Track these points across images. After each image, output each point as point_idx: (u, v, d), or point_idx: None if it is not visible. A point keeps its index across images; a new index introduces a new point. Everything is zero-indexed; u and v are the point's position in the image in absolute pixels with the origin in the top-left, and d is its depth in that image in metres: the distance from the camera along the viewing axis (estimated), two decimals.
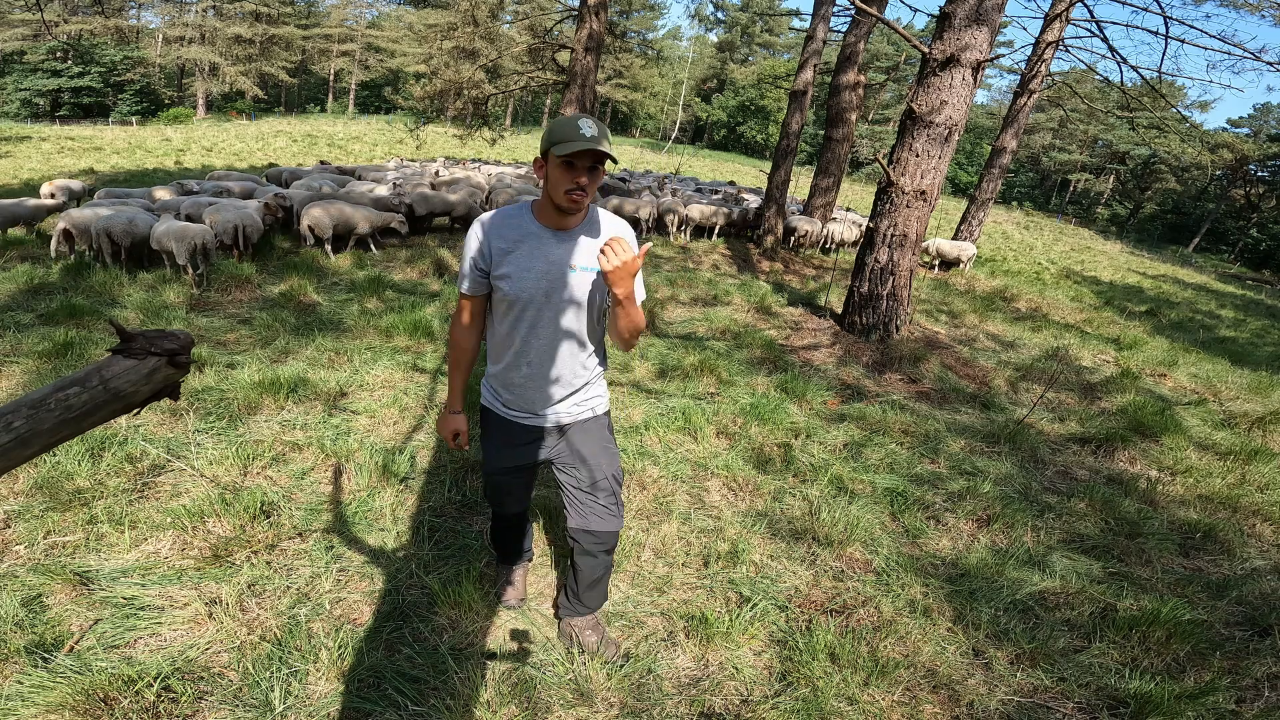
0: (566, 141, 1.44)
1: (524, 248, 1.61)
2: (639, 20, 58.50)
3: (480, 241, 1.63)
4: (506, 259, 1.61)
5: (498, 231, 1.62)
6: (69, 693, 1.67)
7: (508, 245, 1.61)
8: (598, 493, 1.85)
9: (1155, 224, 50.50)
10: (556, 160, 1.48)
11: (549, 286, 1.62)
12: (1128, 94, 11.49)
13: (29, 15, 36.62)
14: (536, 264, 1.61)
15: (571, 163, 1.48)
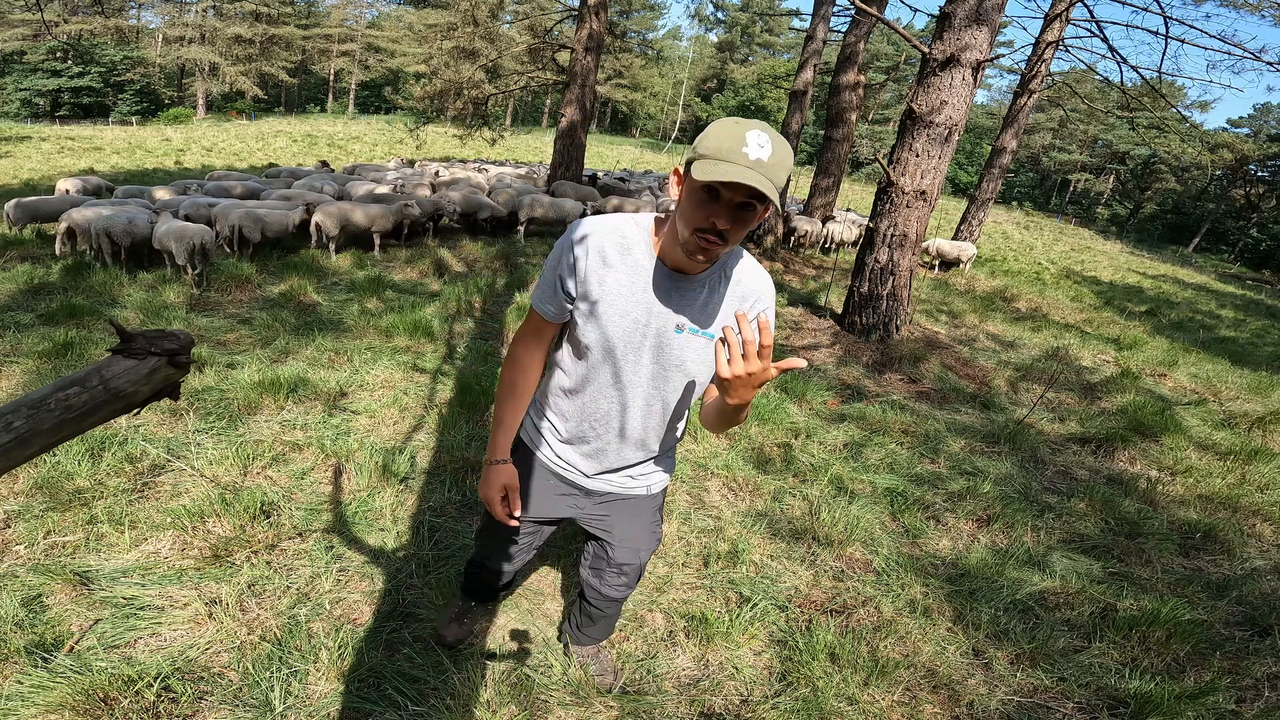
0: (717, 159, 0.99)
1: (621, 279, 1.21)
2: (639, 20, 58.50)
3: (574, 254, 1.22)
4: (597, 285, 1.22)
5: (599, 247, 1.21)
6: (69, 693, 1.67)
7: (601, 269, 1.21)
8: (626, 572, 1.65)
9: (1155, 224, 50.52)
10: (696, 182, 1.03)
11: (641, 342, 1.24)
12: (1128, 94, 11.49)
13: (29, 15, 36.63)
14: (634, 309, 1.21)
15: (715, 191, 1.03)
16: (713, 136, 1.01)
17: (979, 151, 50.34)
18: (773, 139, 0.99)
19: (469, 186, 10.34)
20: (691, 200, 1.06)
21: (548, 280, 1.27)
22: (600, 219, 1.23)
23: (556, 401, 1.40)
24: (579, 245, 1.22)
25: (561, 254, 1.23)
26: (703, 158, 1.01)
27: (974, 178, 46.44)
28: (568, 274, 1.23)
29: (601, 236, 1.21)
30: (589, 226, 1.23)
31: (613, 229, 1.22)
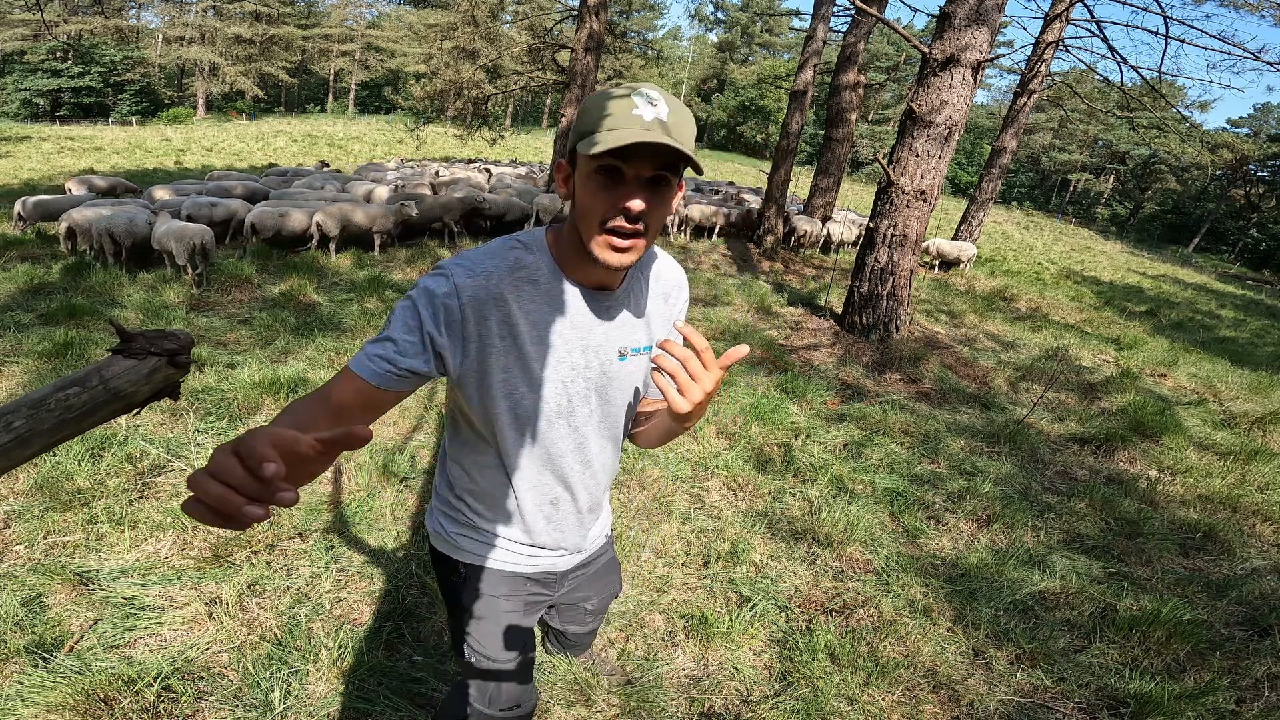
0: (607, 129, 0.79)
1: (540, 322, 0.94)
2: (639, 20, 58.50)
3: (459, 313, 0.89)
4: (506, 348, 0.93)
5: (494, 294, 0.90)
6: (69, 693, 1.67)
7: (505, 326, 0.92)
8: (596, 616, 1.49)
9: (1155, 224, 50.51)
10: (588, 164, 0.82)
11: (586, 389, 1.00)
12: (1128, 94, 11.49)
13: (29, 15, 36.62)
14: (568, 354, 0.96)
15: (616, 171, 0.81)
16: (593, 110, 0.81)
17: (979, 151, 50.34)
18: (664, 95, 0.82)
19: (469, 186, 10.34)
20: (588, 191, 0.84)
21: (395, 335, 0.87)
22: (478, 254, 0.93)
23: (488, 501, 1.08)
24: (461, 299, 0.88)
25: (434, 310, 0.88)
26: (588, 135, 0.81)
27: (974, 178, 46.45)
28: (447, 339, 0.89)
29: (492, 279, 0.90)
30: (469, 267, 0.90)
31: (503, 262, 0.92)
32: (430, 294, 0.88)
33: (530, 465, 1.04)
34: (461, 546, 1.13)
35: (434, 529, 1.17)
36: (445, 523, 1.14)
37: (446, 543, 1.14)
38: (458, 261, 0.92)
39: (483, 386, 0.96)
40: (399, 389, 0.89)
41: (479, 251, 0.94)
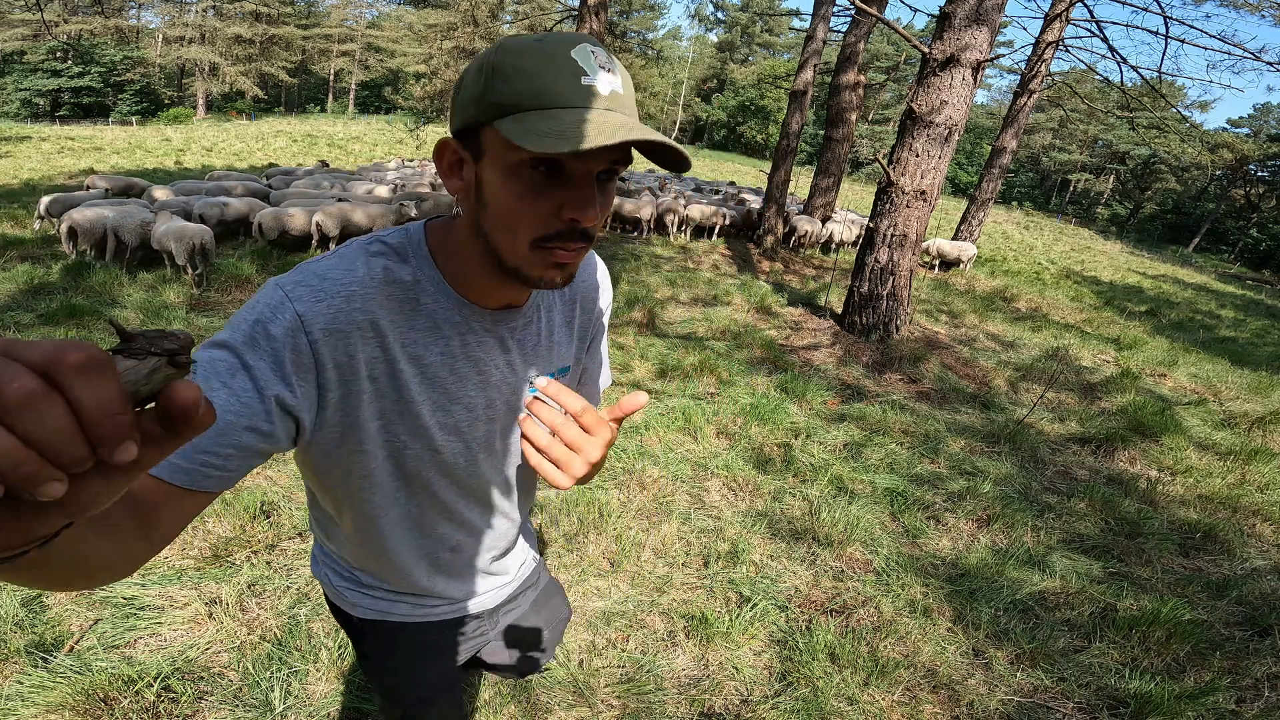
0: (549, 106, 0.57)
1: (424, 357, 0.71)
2: (639, 20, 58.51)
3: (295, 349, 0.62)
4: (374, 397, 0.70)
5: (355, 323, 0.66)
6: (69, 693, 1.67)
7: (382, 364, 0.69)
8: (551, 647, 1.19)
9: (1155, 224, 50.52)
10: (512, 154, 0.59)
11: (490, 432, 0.80)
12: (1128, 94, 11.49)
13: (29, 15, 36.63)
14: (465, 395, 0.75)
15: (557, 165, 0.60)
16: (524, 72, 0.56)
17: (979, 151, 50.35)
18: (607, 50, 0.61)
19: None
20: (513, 192, 0.60)
21: (229, 408, 0.58)
22: (327, 265, 0.66)
23: (373, 563, 0.88)
24: (311, 334, 0.62)
25: (276, 359, 0.61)
26: (517, 111, 0.57)
27: (974, 178, 46.47)
28: (300, 395, 0.63)
29: (354, 300, 0.65)
30: (315, 286, 0.64)
31: (368, 275, 0.67)
32: (265, 335, 0.60)
33: (423, 520, 0.83)
34: (357, 603, 0.92)
35: (322, 578, 0.94)
36: (331, 575, 0.93)
37: (340, 598, 0.93)
38: (298, 278, 0.64)
39: (347, 443, 0.71)
40: (223, 486, 0.60)
41: (328, 262, 0.66)
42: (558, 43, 0.58)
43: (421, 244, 0.71)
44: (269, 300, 0.63)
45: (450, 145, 0.65)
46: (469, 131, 0.62)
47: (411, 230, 0.72)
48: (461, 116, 0.62)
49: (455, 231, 0.71)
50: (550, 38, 0.58)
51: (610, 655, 2.10)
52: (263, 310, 0.62)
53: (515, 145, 0.57)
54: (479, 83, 0.59)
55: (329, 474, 0.75)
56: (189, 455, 0.57)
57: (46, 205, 6.56)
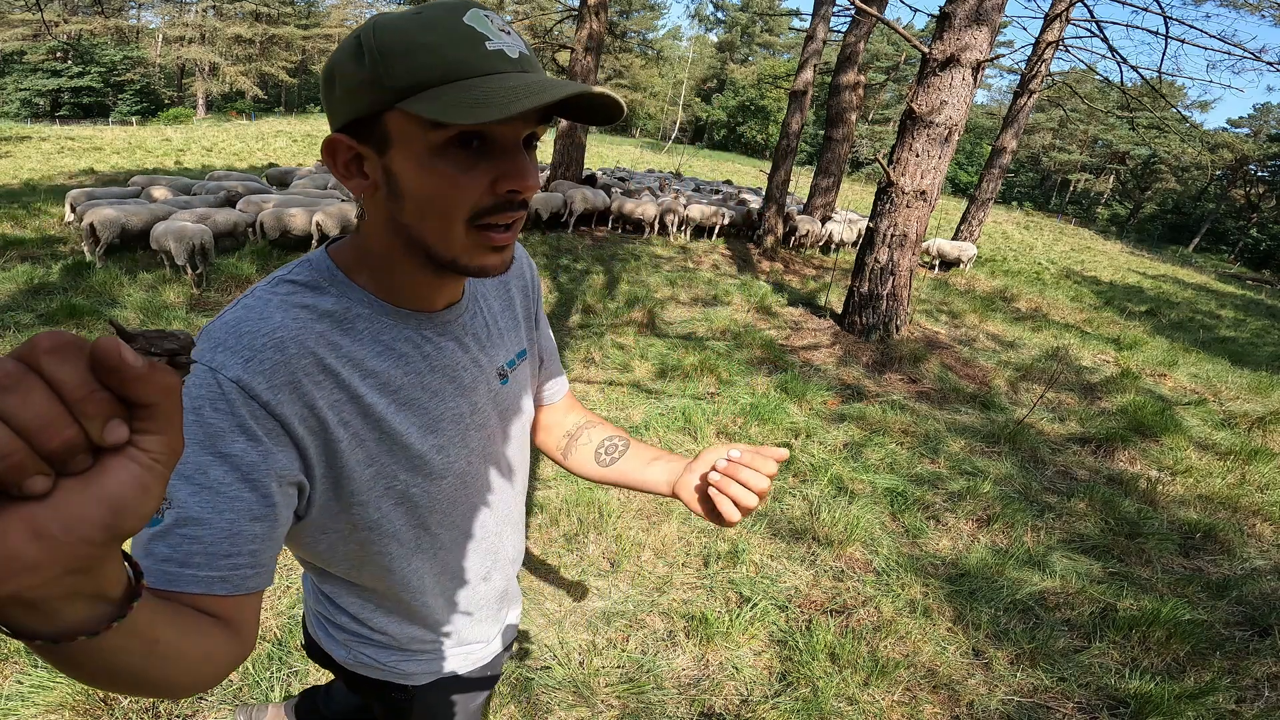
0: (460, 77, 0.53)
1: (388, 385, 0.66)
2: (639, 20, 58.54)
3: (276, 411, 0.57)
4: (352, 441, 0.63)
5: (300, 369, 0.59)
6: (69, 693, 1.67)
7: (346, 402, 0.63)
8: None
9: (1155, 224, 50.53)
10: (429, 135, 0.55)
11: (484, 438, 0.77)
12: (1128, 94, 11.50)
13: (29, 15, 36.63)
14: (447, 407, 0.71)
15: (479, 136, 0.56)
16: (422, 47, 0.52)
17: (979, 151, 50.36)
18: (497, 14, 0.57)
19: None
20: (437, 176, 0.56)
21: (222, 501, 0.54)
22: (235, 319, 0.59)
23: (403, 616, 0.81)
24: (256, 394, 0.56)
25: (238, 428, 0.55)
26: (422, 88, 0.53)
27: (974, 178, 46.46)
28: (279, 454, 0.58)
29: (286, 346, 0.58)
30: (233, 345, 0.57)
31: (287, 315, 0.60)
32: (215, 418, 0.54)
33: (452, 559, 0.78)
34: (413, 671, 0.85)
35: (363, 660, 0.84)
36: (376, 654, 0.84)
37: (384, 670, 0.85)
38: (211, 344, 0.57)
39: (343, 498, 0.65)
40: (269, 578, 0.59)
41: (234, 315, 0.59)
42: (444, 11, 0.54)
43: (328, 267, 0.65)
44: (195, 381, 0.55)
45: (343, 142, 0.58)
46: (363, 123, 0.56)
47: (314, 259, 0.66)
48: (349, 108, 0.56)
49: (364, 242, 0.64)
50: (431, 8, 0.54)
51: (610, 655, 2.10)
52: (196, 393, 0.54)
53: (435, 124, 0.52)
54: (364, 68, 0.53)
55: (336, 538, 0.69)
56: (215, 565, 0.53)
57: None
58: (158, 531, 0.53)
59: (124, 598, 0.37)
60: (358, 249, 0.66)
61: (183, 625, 0.47)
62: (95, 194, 7.00)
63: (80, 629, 0.35)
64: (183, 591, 0.52)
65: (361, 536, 0.69)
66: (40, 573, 0.29)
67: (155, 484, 0.31)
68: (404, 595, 0.77)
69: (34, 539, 0.28)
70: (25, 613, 0.32)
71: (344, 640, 0.84)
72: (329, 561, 0.73)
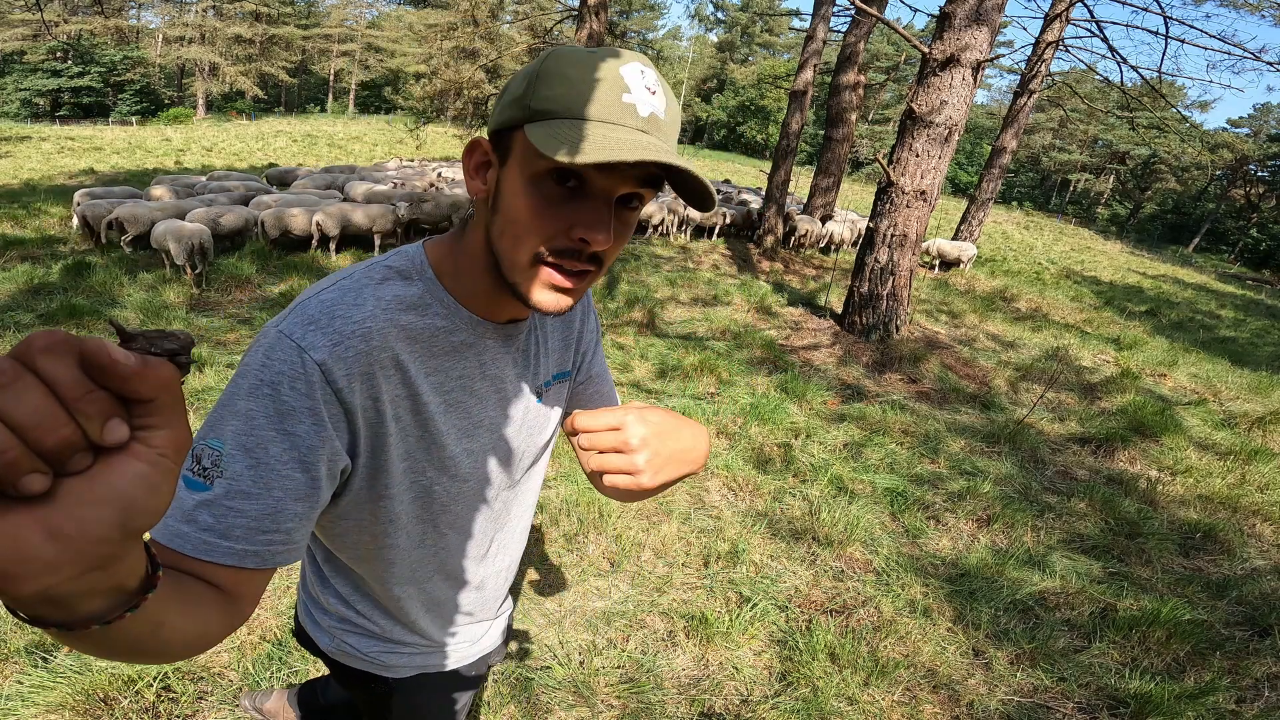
0: (584, 119, 0.55)
1: (443, 389, 0.68)
2: (639, 20, 58.54)
3: (324, 400, 0.58)
4: (399, 436, 0.66)
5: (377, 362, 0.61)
6: (69, 693, 1.67)
7: (406, 400, 0.65)
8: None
9: (1155, 224, 50.52)
10: (535, 161, 0.56)
11: (510, 450, 0.77)
12: (1128, 94, 11.50)
13: (29, 15, 36.64)
14: (486, 415, 0.73)
15: (580, 180, 0.57)
16: (564, 79, 0.55)
17: (979, 151, 50.35)
18: (659, 76, 0.58)
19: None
20: (529, 201, 0.57)
21: (275, 477, 0.56)
22: (335, 298, 0.61)
23: (396, 613, 0.82)
24: (335, 380, 0.58)
25: (308, 411, 0.57)
26: (549, 116, 0.55)
27: (974, 178, 46.45)
28: (337, 444, 0.60)
29: (373, 337, 0.61)
30: (328, 326, 0.59)
31: (380, 305, 0.62)
32: (290, 396, 0.56)
33: (447, 558, 0.79)
34: (394, 664, 0.86)
35: (343, 649, 0.85)
36: (359, 642, 0.84)
37: (365, 660, 0.85)
38: (305, 321, 0.59)
39: (375, 488, 0.67)
40: (297, 556, 0.61)
41: (330, 295, 0.61)
42: (610, 55, 0.56)
43: (425, 264, 0.68)
44: (281, 355, 0.57)
45: (481, 145, 0.62)
46: (502, 133, 0.60)
47: (410, 251, 0.69)
48: (499, 117, 0.60)
49: (462, 245, 0.67)
50: (605, 50, 0.57)
51: (610, 655, 2.10)
52: (279, 368, 0.56)
53: (539, 152, 0.54)
54: (522, 85, 0.57)
55: (354, 524, 0.71)
56: (252, 539, 0.55)
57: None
58: (205, 499, 0.54)
59: (140, 589, 0.39)
60: (452, 249, 0.68)
61: (185, 604, 0.49)
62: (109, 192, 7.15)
63: (95, 619, 0.36)
64: (212, 562, 0.54)
65: (378, 529, 0.71)
66: (60, 571, 0.29)
67: (164, 480, 0.31)
68: (396, 590, 0.78)
69: (50, 539, 0.28)
70: (46, 606, 0.33)
71: (329, 626, 0.85)
72: (336, 545, 0.75)
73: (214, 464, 0.55)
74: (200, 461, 0.55)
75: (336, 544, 0.75)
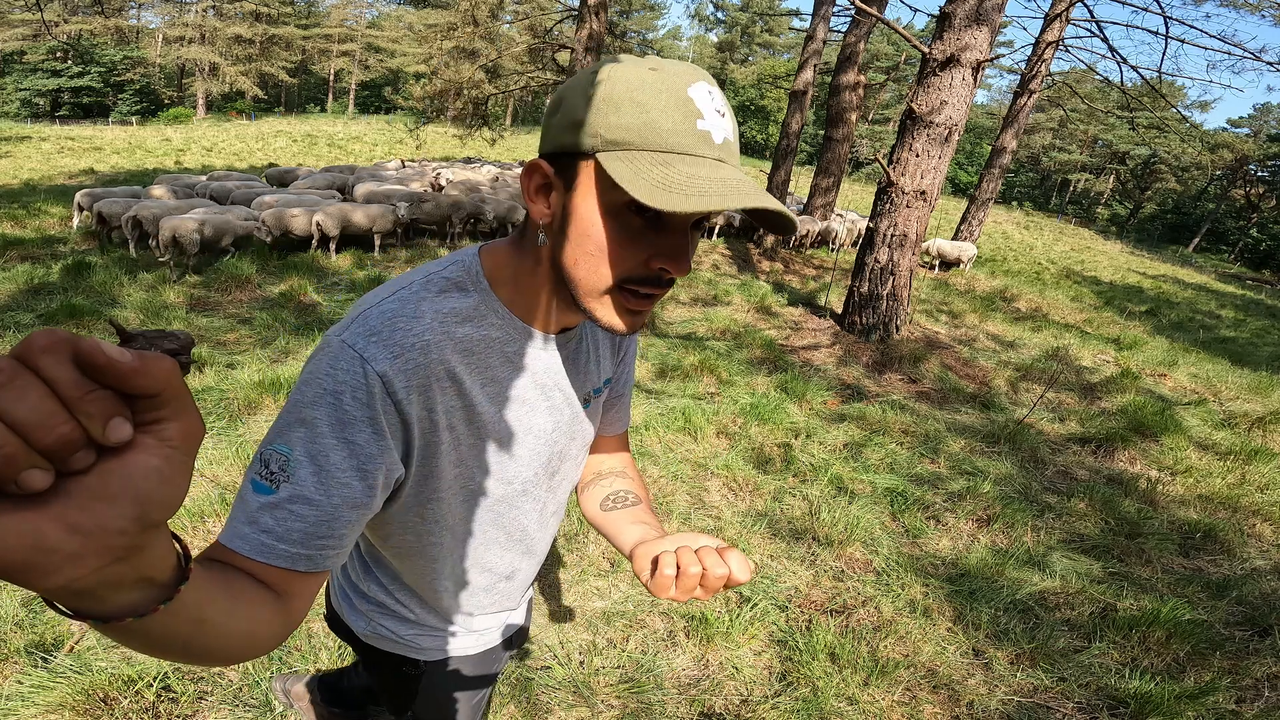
0: (660, 149, 0.54)
1: (498, 399, 0.70)
2: (639, 20, 58.53)
3: (385, 411, 0.60)
4: (452, 446, 0.68)
5: (433, 375, 0.63)
6: (69, 693, 1.67)
7: (461, 411, 0.67)
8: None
9: (1155, 224, 50.51)
10: (616, 195, 0.56)
11: (552, 455, 0.79)
12: (1128, 94, 11.50)
13: (29, 15, 36.62)
14: (535, 423, 0.74)
15: (657, 215, 0.58)
16: (636, 105, 0.54)
17: (979, 151, 50.34)
18: (722, 94, 0.58)
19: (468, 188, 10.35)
20: (608, 229, 0.58)
21: (334, 485, 0.57)
22: (393, 309, 0.62)
23: (443, 597, 0.85)
24: (395, 393, 0.60)
25: (368, 421, 0.59)
26: (622, 147, 0.54)
27: (974, 178, 46.44)
28: (395, 454, 0.62)
29: (430, 350, 0.62)
30: (387, 339, 0.60)
31: (437, 317, 0.63)
32: (353, 406, 0.58)
33: (485, 553, 0.82)
34: (427, 646, 0.90)
35: (380, 631, 0.89)
36: (394, 626, 0.88)
37: (399, 643, 0.89)
38: (367, 332, 0.60)
39: (423, 493, 0.69)
40: (344, 558, 0.62)
41: (390, 306, 0.62)
42: (675, 75, 0.55)
43: (480, 274, 0.68)
44: (345, 365, 0.58)
45: (541, 169, 0.61)
46: (565, 157, 0.59)
47: (466, 260, 0.69)
48: (557, 140, 0.59)
49: (520, 258, 0.67)
50: (667, 68, 0.56)
51: (610, 655, 2.10)
52: (342, 378, 0.58)
53: (619, 186, 0.54)
54: (585, 108, 0.56)
55: (400, 525, 0.73)
56: (308, 544, 0.57)
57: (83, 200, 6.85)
58: (270, 502, 0.56)
59: (172, 581, 0.40)
60: (509, 262, 0.68)
61: (232, 601, 0.49)
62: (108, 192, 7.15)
63: (129, 610, 0.37)
64: (267, 564, 0.55)
65: (424, 529, 0.74)
66: (82, 563, 0.30)
67: (177, 471, 0.32)
68: (437, 583, 0.82)
69: (70, 533, 0.29)
70: (78, 599, 0.35)
71: (366, 610, 0.88)
72: (383, 543, 0.79)
73: (281, 469, 0.56)
74: (269, 466, 0.56)
75: (383, 541, 0.78)
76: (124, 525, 0.31)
